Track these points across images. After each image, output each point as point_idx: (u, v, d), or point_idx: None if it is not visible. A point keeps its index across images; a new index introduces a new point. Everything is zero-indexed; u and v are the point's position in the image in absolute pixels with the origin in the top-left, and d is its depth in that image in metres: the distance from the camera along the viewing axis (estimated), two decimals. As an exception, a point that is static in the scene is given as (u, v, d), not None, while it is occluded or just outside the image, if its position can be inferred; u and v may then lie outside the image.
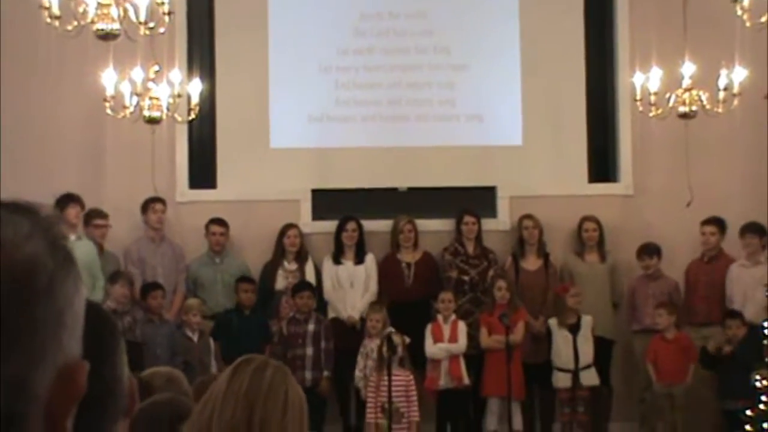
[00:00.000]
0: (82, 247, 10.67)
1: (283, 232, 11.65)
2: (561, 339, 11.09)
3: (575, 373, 11.00)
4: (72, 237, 10.51)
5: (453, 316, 11.11)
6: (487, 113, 12.19)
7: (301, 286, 11.26)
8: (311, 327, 11.07)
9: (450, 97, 12.23)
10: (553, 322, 11.20)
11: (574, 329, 11.05)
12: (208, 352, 10.80)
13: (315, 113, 12.14)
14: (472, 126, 12.20)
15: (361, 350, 10.86)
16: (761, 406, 9.59)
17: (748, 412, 9.64)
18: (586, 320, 11.11)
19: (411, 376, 10.54)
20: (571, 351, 11.01)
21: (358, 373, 10.84)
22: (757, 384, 9.67)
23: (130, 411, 1.84)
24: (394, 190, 12.23)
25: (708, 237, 11.56)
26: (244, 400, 2.84)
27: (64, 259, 1.23)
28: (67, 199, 10.78)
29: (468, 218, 11.70)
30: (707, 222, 11.54)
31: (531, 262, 11.76)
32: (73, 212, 10.81)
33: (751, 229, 11.28)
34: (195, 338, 10.85)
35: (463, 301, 11.42)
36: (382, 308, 10.92)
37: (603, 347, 11.27)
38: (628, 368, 11.75)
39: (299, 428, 2.90)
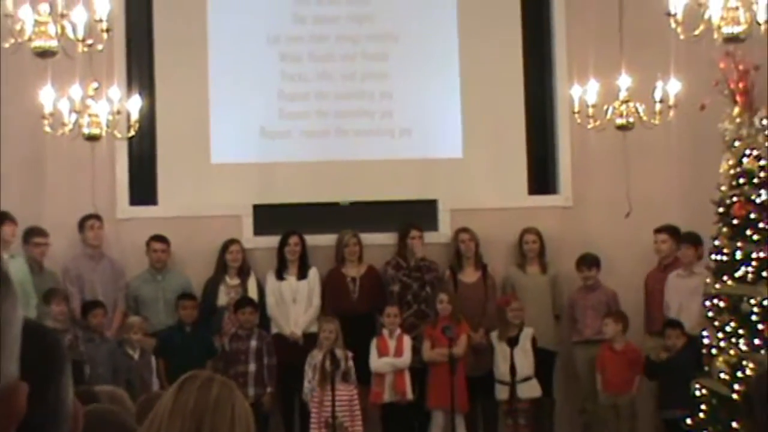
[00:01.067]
0: (14, 265, 10.58)
1: (225, 248, 11.62)
2: (500, 352, 11.11)
3: (512, 386, 11.05)
4: (5, 255, 10.44)
5: (398, 330, 11.13)
6: (427, 126, 12.24)
7: (243, 301, 11.23)
8: (254, 343, 11.04)
9: (390, 110, 12.27)
10: (494, 335, 11.25)
11: (514, 342, 11.10)
12: (149, 370, 10.73)
13: (255, 128, 12.13)
14: (413, 139, 12.24)
15: (309, 361, 10.81)
16: (701, 415, 9.71)
17: (688, 421, 9.76)
18: (526, 332, 11.13)
19: (355, 391, 10.55)
20: (508, 364, 11.04)
21: (306, 385, 10.77)
22: (697, 393, 9.79)
23: None
24: (336, 204, 12.23)
25: (660, 245, 11.65)
26: (191, 417, 2.81)
27: (1, 279, 1.22)
28: (2, 217, 10.69)
29: (414, 232, 11.72)
30: (659, 230, 11.64)
31: (469, 275, 11.81)
32: (8, 230, 10.73)
33: (686, 239, 11.40)
34: (136, 356, 10.77)
35: (407, 314, 11.44)
36: (334, 319, 10.91)
37: (545, 359, 11.32)
38: (569, 379, 11.82)
39: None
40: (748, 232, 9.73)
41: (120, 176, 11.96)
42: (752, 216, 9.76)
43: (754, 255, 9.67)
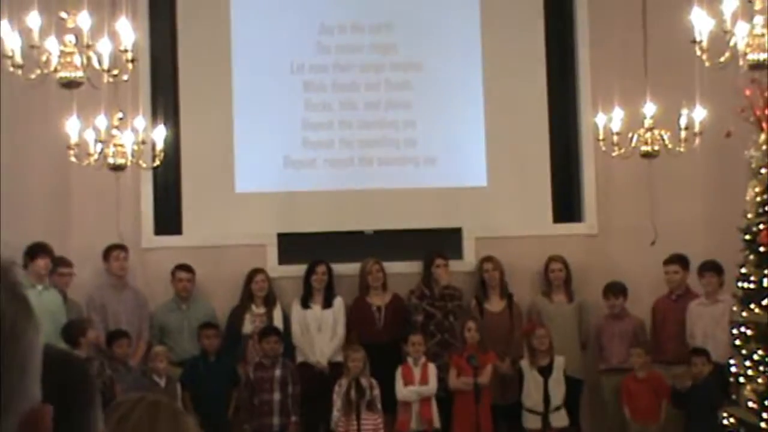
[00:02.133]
0: (48, 297, 10.62)
1: (250, 277, 11.64)
2: (532, 381, 11.06)
3: (545, 415, 10.98)
4: (39, 287, 10.47)
5: (423, 359, 11.09)
6: (451, 155, 12.24)
7: (268, 330, 11.22)
8: (278, 372, 11.01)
9: (414, 138, 12.27)
10: (524, 363, 11.19)
11: (546, 371, 11.05)
12: (175, 398, 10.70)
13: (279, 157, 12.15)
14: (437, 168, 12.24)
15: (337, 389, 10.78)
16: (729, 444, 9.63)
17: (716, 450, 9.67)
18: (559, 361, 11.09)
19: (380, 420, 10.51)
20: (541, 393, 11.00)
21: (335, 414, 10.71)
22: (725, 422, 9.71)
23: None
24: (360, 233, 12.23)
25: (671, 276, 11.62)
26: None
27: (24, 305, 1.23)
28: (37, 249, 10.70)
29: (439, 260, 11.70)
30: (669, 261, 11.60)
31: (494, 304, 11.78)
32: (42, 263, 10.73)
33: (708, 267, 11.34)
34: (162, 383, 10.78)
35: (431, 343, 11.40)
36: (360, 349, 10.87)
37: (572, 387, 11.25)
38: (596, 408, 11.75)
39: None
40: (776, 260, 9.68)
41: (145, 206, 12.00)
42: (779, 243, 9.70)
43: (782, 283, 9.62)
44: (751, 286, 9.79)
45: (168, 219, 12.11)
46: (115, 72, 8.23)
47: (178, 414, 2.71)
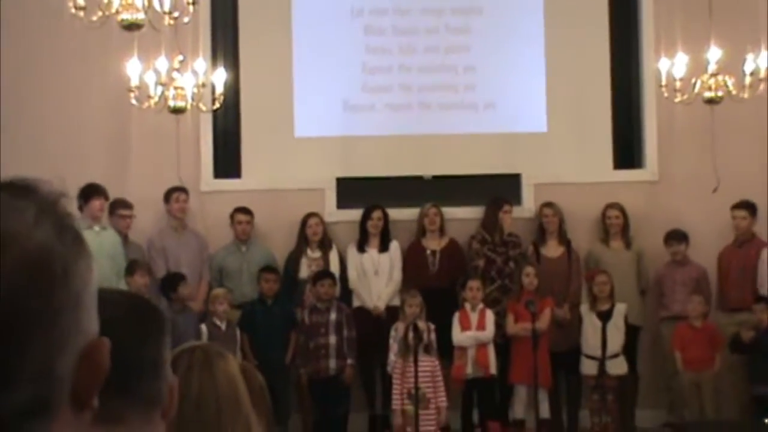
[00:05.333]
0: (107, 237, 10.71)
1: (305, 222, 11.66)
2: (590, 326, 11.04)
3: (602, 361, 10.96)
4: (96, 228, 10.57)
5: (481, 305, 11.07)
6: (511, 100, 12.16)
7: (322, 274, 11.24)
8: (333, 316, 11.05)
9: (474, 83, 12.20)
10: (584, 308, 11.16)
11: (606, 316, 11.01)
12: (234, 342, 10.77)
13: (339, 102, 12.14)
14: (497, 113, 12.17)
15: (393, 334, 10.79)
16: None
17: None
18: (619, 308, 11.04)
19: (437, 362, 10.52)
20: (599, 339, 10.97)
21: (392, 357, 10.72)
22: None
23: (169, 411, 1.80)
24: (418, 178, 12.20)
25: (739, 221, 11.48)
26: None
27: (74, 239, 1.22)
28: (91, 190, 10.76)
29: (507, 207, 11.66)
30: (737, 206, 11.47)
31: (552, 250, 11.73)
32: (97, 204, 10.79)
33: None
34: (223, 327, 10.84)
35: (491, 289, 11.38)
36: (417, 293, 10.84)
37: (630, 334, 11.21)
38: (655, 355, 11.70)
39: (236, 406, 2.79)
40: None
41: (204, 149, 12.04)
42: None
43: None
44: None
45: (227, 162, 12.15)
46: (176, 14, 8.25)
47: (213, 358, 2.80)
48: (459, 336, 10.96)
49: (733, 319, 11.22)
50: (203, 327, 10.73)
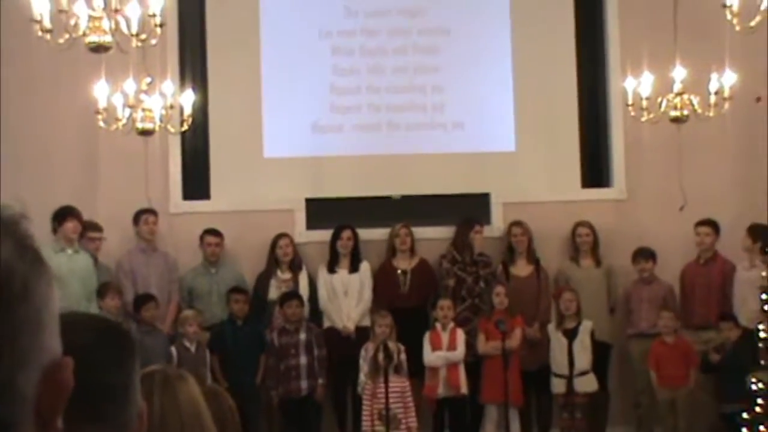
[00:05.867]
0: (79, 260, 10.70)
1: (275, 242, 11.67)
2: (557, 344, 11.11)
3: (569, 379, 11.02)
4: (69, 250, 10.54)
5: (452, 324, 11.11)
6: (479, 120, 12.23)
7: (289, 295, 11.26)
8: (303, 336, 11.07)
9: (442, 103, 12.26)
10: (551, 327, 11.23)
11: (572, 334, 11.07)
12: (204, 364, 10.77)
13: (308, 122, 12.17)
14: (466, 133, 12.23)
15: (363, 354, 10.82)
16: (757, 409, 9.62)
17: (745, 415, 9.68)
18: (585, 326, 11.12)
19: (407, 383, 10.55)
20: (566, 356, 11.03)
21: (362, 378, 10.76)
22: (753, 387, 9.71)
23: None
24: (387, 198, 12.24)
25: (702, 238, 11.59)
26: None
27: (34, 258, 1.23)
28: (65, 212, 10.75)
29: (478, 227, 11.72)
30: (701, 223, 11.58)
31: (522, 268, 11.79)
32: (71, 226, 10.77)
33: (752, 232, 11.23)
34: (192, 349, 10.84)
35: (461, 308, 11.42)
36: (388, 314, 10.88)
37: (600, 352, 11.30)
38: (624, 372, 11.77)
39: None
40: (805, 225, 9.67)
41: (173, 171, 12.04)
42: (809, 208, 9.69)
43: (811, 248, 9.61)
44: (781, 250, 9.79)
45: (196, 184, 12.16)
46: (144, 36, 8.24)
47: (174, 381, 2.81)
48: (430, 356, 10.99)
49: (698, 337, 11.33)
50: (173, 349, 10.73)
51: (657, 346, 11.23)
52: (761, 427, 9.50)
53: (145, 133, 9.84)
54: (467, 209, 11.98)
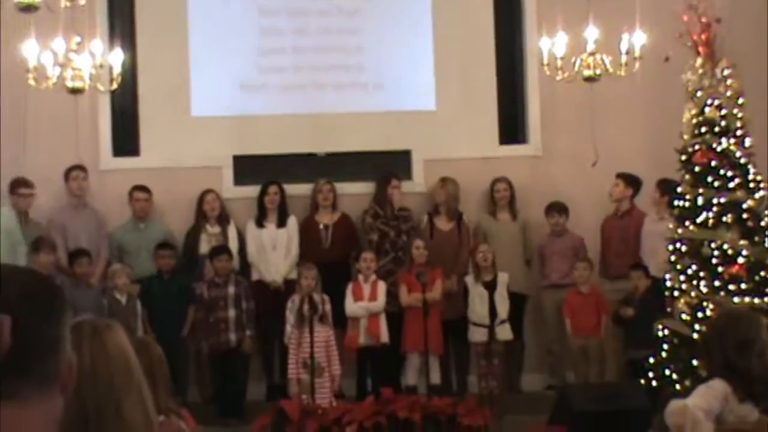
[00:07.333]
0: (3, 215, 10.86)
1: (201, 198, 11.88)
2: (477, 296, 11.38)
3: (491, 328, 11.33)
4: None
5: (373, 276, 11.42)
6: (400, 80, 12.49)
7: (219, 249, 11.50)
8: (231, 289, 11.33)
9: (364, 64, 12.52)
10: (470, 279, 11.52)
11: (491, 286, 11.38)
12: (135, 315, 10.98)
13: (235, 82, 12.37)
14: (387, 92, 12.50)
15: (289, 306, 11.07)
16: (663, 354, 10.10)
17: (652, 360, 10.14)
18: (503, 278, 11.41)
19: (331, 332, 10.85)
20: (486, 307, 11.30)
21: (288, 328, 10.98)
22: (660, 333, 10.18)
23: (68, 386, 1.78)
24: (313, 155, 12.51)
25: (612, 188, 11.94)
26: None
27: None
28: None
29: (394, 181, 11.99)
30: (618, 175, 11.94)
31: (444, 223, 12.11)
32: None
33: (660, 186, 11.62)
34: (123, 301, 11.05)
35: (384, 261, 11.72)
36: (313, 266, 11.11)
37: (516, 303, 11.61)
38: (537, 322, 12.17)
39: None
40: (709, 179, 10.11)
41: (103, 128, 12.20)
42: (713, 163, 10.13)
43: (714, 201, 10.05)
44: (687, 204, 10.24)
45: (126, 141, 12.32)
46: (73, -4, 8.38)
47: (102, 330, 2.87)
48: (351, 306, 11.31)
49: (614, 286, 11.72)
50: (104, 301, 10.94)
51: (572, 296, 11.59)
52: (666, 371, 9.99)
53: (75, 91, 9.95)
54: (389, 166, 12.27)
